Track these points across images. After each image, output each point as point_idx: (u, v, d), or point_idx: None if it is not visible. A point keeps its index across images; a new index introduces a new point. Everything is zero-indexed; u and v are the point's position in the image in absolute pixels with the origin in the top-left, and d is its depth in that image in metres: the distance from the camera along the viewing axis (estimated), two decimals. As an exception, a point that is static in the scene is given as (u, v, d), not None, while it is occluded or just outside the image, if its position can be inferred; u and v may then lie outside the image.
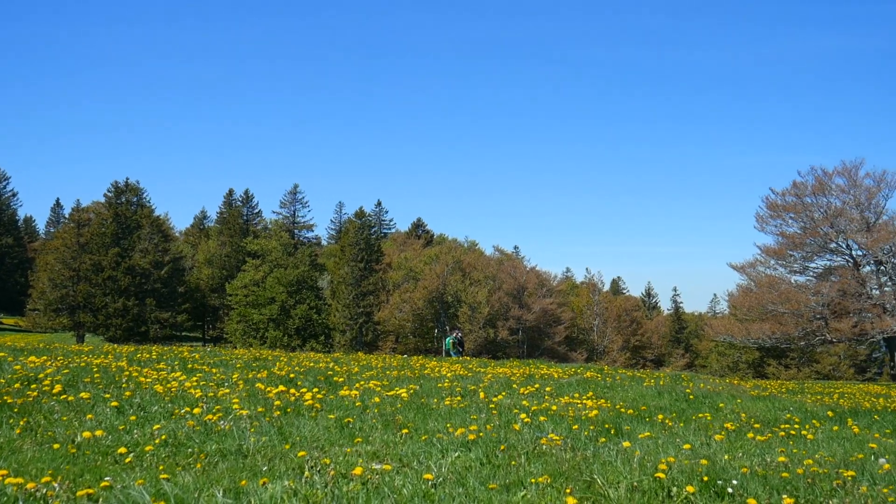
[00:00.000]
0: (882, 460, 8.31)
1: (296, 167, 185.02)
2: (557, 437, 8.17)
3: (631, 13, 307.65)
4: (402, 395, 11.68)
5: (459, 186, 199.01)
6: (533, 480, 6.09)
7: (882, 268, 47.31)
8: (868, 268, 48.50)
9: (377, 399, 11.10)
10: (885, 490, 6.44)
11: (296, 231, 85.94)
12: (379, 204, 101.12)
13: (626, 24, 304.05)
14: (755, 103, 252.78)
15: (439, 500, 5.50)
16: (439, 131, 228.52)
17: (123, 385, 11.37)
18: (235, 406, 9.40)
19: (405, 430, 8.41)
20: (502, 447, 7.54)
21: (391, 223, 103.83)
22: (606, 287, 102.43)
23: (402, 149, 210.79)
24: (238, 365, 17.18)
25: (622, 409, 12.25)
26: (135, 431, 7.77)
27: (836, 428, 11.69)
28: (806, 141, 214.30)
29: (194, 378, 12.64)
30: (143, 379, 12.07)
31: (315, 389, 11.66)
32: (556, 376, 19.53)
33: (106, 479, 5.54)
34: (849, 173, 48.38)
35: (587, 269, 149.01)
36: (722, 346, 70.16)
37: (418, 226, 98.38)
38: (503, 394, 13.62)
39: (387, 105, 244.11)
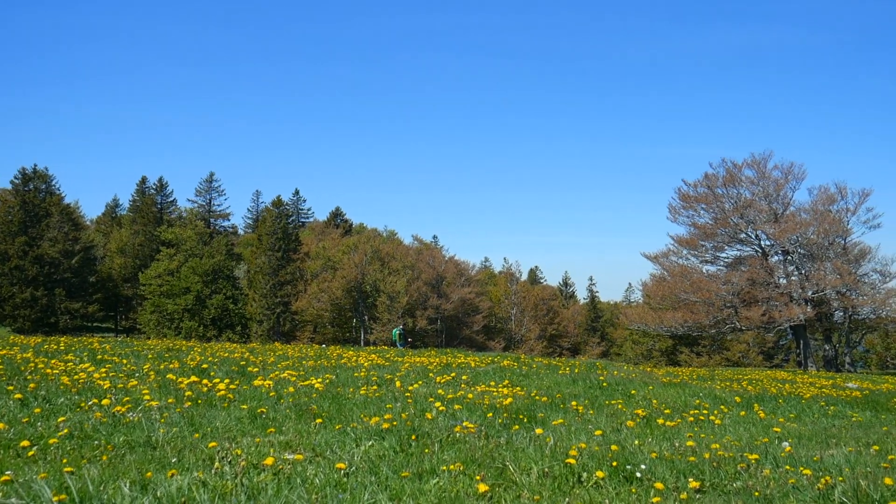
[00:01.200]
0: (785, 443, 8.61)
1: (212, 155, 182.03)
2: (472, 425, 8.23)
3: (536, 11, 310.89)
4: (317, 385, 11.63)
5: (378, 176, 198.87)
6: (445, 468, 6.12)
7: (789, 258, 48.87)
8: (776, 258, 50.03)
9: (292, 389, 11.02)
10: (787, 469, 6.66)
11: (212, 220, 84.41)
12: (297, 193, 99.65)
13: (543, 20, 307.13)
14: (667, 97, 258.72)
15: (352, 489, 5.48)
16: (358, 120, 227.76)
17: (28, 377, 11.07)
18: (146, 397, 9.23)
19: (319, 420, 8.37)
20: (417, 436, 7.56)
21: (309, 212, 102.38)
22: (524, 276, 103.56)
23: (321, 137, 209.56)
24: (150, 356, 16.87)
25: (537, 397, 12.41)
26: (39, 424, 7.55)
27: (743, 413, 12.06)
28: (717, 134, 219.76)
29: (103, 369, 12.38)
30: (49, 370, 11.77)
31: (228, 380, 11.52)
32: (473, 365, 19.67)
33: (7, 473, 5.36)
34: (758, 165, 49.81)
35: (505, 258, 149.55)
36: (636, 335, 71.45)
37: (337, 215, 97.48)
38: (419, 383, 13.67)
39: (304, 93, 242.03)
